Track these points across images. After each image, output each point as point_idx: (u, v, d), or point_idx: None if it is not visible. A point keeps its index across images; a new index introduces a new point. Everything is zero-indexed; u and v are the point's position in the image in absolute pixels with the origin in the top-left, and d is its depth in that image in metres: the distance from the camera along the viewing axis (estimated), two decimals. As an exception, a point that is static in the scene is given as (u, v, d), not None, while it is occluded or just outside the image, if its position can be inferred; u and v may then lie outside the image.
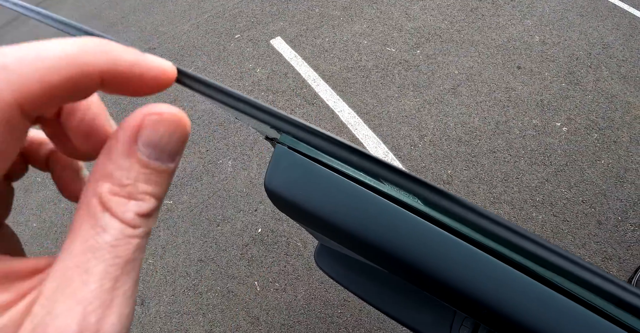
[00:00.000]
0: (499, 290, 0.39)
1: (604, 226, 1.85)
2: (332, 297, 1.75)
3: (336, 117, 2.36)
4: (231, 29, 3.12)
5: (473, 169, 2.08)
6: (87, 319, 0.14)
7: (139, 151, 0.16)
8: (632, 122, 2.20)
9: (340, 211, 0.43)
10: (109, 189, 0.15)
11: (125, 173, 0.16)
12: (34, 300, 0.14)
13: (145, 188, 0.16)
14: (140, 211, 0.16)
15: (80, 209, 0.16)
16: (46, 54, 0.14)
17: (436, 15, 2.92)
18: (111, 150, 0.16)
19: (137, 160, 0.16)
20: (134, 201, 0.16)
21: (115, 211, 0.15)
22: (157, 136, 0.16)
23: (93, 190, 0.16)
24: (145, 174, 0.16)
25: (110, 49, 0.15)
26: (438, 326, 0.64)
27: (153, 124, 0.16)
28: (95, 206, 0.15)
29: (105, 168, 0.16)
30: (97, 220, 0.15)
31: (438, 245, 0.40)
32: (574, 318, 0.37)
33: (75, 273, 0.14)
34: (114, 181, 0.16)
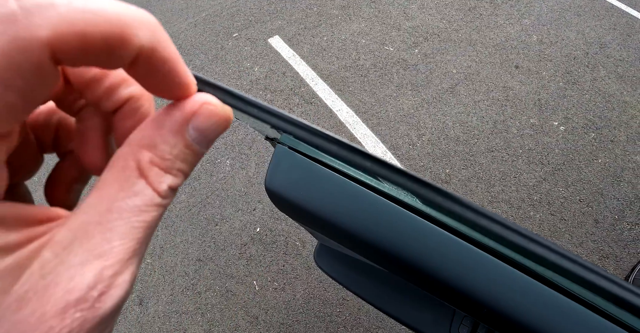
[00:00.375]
0: (499, 289, 0.39)
1: (601, 224, 1.86)
2: (330, 296, 1.76)
3: (335, 117, 2.36)
4: (229, 27, 3.11)
5: (471, 168, 2.08)
6: (104, 273, 0.14)
7: (187, 133, 0.17)
8: (629, 122, 2.21)
9: (341, 211, 0.43)
10: (150, 158, 0.16)
11: (169, 149, 0.17)
12: (43, 245, 0.15)
13: (180, 166, 0.17)
14: (172, 185, 0.17)
15: (112, 169, 0.16)
16: (96, 4, 0.13)
17: (434, 15, 2.92)
18: (162, 124, 0.17)
19: (183, 140, 0.17)
20: (169, 175, 0.17)
21: (152, 180, 0.16)
22: (207, 125, 0.17)
23: (133, 155, 0.16)
24: (185, 153, 0.17)
25: (160, 32, 0.15)
26: (437, 325, 0.64)
27: (208, 113, 0.17)
28: (132, 170, 0.16)
29: (151, 138, 0.17)
30: (131, 184, 0.16)
31: (438, 244, 0.40)
32: (573, 317, 0.37)
33: (97, 230, 0.15)
34: (156, 153, 0.17)
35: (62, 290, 0.14)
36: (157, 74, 0.16)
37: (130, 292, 0.16)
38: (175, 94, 0.17)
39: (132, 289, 0.15)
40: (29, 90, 0.13)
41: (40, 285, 0.14)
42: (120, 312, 0.16)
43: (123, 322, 1.78)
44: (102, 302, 0.14)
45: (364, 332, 1.67)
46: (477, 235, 0.40)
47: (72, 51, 0.13)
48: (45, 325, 0.13)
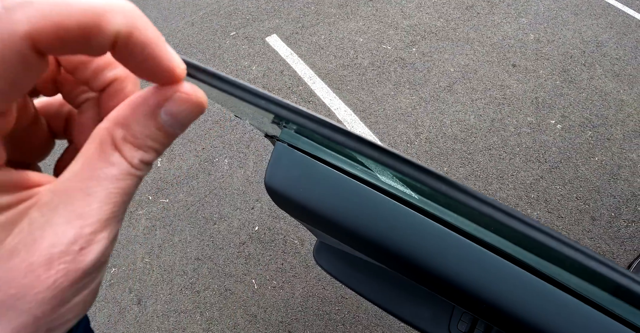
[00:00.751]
0: (498, 285, 0.39)
1: (597, 222, 1.87)
2: (329, 294, 1.76)
3: (333, 115, 2.36)
4: (226, 26, 3.11)
5: (469, 166, 2.09)
6: (84, 230, 0.16)
7: (159, 116, 0.18)
8: (625, 120, 2.22)
9: (340, 208, 0.44)
10: (123, 135, 0.18)
11: (141, 129, 0.18)
12: (31, 206, 0.17)
13: (152, 144, 0.19)
14: (144, 159, 0.18)
15: (92, 140, 0.18)
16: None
17: (432, 13, 2.93)
18: (137, 106, 0.18)
19: (155, 123, 0.18)
20: (141, 150, 0.18)
21: (125, 153, 0.18)
22: (179, 110, 0.19)
23: (109, 130, 0.18)
24: (156, 134, 0.19)
25: (136, 17, 0.16)
26: (437, 321, 0.64)
27: (179, 100, 0.19)
28: (109, 144, 0.18)
29: (126, 117, 0.18)
30: (107, 155, 0.17)
31: (437, 240, 0.40)
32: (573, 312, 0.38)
33: (79, 194, 0.17)
34: (128, 131, 0.18)
35: (47, 243, 0.16)
36: (137, 58, 0.17)
37: (110, 250, 0.18)
38: (159, 77, 0.18)
39: (113, 248, 0.17)
40: (15, 77, 0.14)
41: (29, 239, 0.16)
42: (104, 269, 0.19)
43: (122, 321, 1.78)
44: (83, 255, 0.16)
45: (363, 329, 1.67)
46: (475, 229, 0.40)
47: (50, 41, 0.14)
48: (33, 273, 0.15)
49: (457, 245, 0.41)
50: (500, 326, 0.45)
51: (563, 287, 0.38)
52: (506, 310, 0.39)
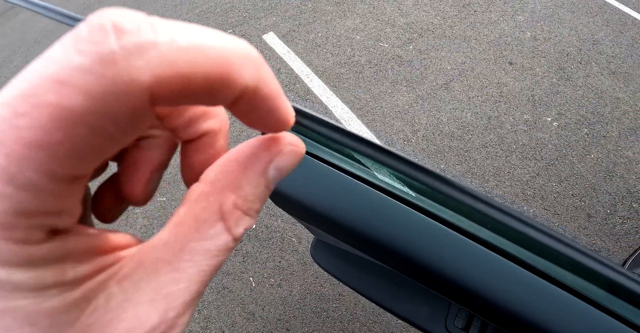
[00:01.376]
0: (493, 281, 0.40)
1: (593, 219, 1.88)
2: (327, 291, 1.77)
3: (330, 113, 2.36)
4: (223, 24, 3.10)
5: (465, 164, 2.09)
6: (168, 314, 0.14)
7: (269, 173, 0.17)
8: (621, 118, 2.24)
9: (338, 205, 0.44)
10: (234, 201, 0.16)
11: (253, 190, 0.16)
12: (111, 277, 0.15)
13: (258, 206, 0.17)
14: (248, 227, 0.17)
15: (192, 207, 0.16)
16: (200, 41, 0.12)
17: (429, 11, 2.93)
18: (248, 165, 0.17)
19: (265, 180, 0.17)
20: (248, 216, 0.16)
21: (231, 224, 0.16)
22: (287, 164, 0.17)
23: (216, 196, 0.16)
24: (264, 193, 0.17)
25: (263, 67, 0.14)
26: (434, 318, 0.65)
27: (290, 154, 0.17)
28: (213, 213, 0.16)
29: (237, 179, 0.16)
30: (209, 226, 0.15)
31: (433, 237, 0.40)
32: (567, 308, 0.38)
33: (166, 269, 0.15)
34: (240, 194, 0.16)
35: (126, 327, 0.14)
36: (258, 112, 0.15)
37: None
38: (272, 128, 0.16)
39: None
40: (120, 134, 0.12)
41: (105, 319, 0.14)
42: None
43: (119, 319, 1.78)
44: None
45: (361, 326, 1.68)
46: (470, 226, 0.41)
47: (172, 93, 0.12)
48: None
49: (453, 241, 0.41)
50: (495, 322, 0.45)
51: (558, 283, 0.38)
52: (501, 306, 0.40)
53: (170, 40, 0.12)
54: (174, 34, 0.12)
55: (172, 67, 0.12)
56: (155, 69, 0.11)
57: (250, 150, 0.17)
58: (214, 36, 0.13)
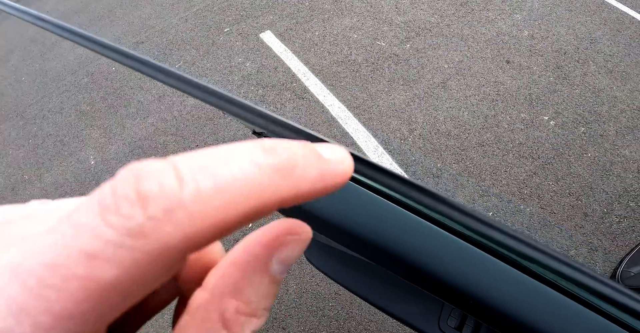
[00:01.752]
0: (485, 281, 0.39)
1: (590, 218, 1.88)
2: (323, 290, 1.77)
3: (326, 112, 2.36)
4: (220, 22, 3.09)
5: (462, 162, 2.09)
6: None
7: (272, 268, 0.16)
8: (618, 116, 2.24)
9: (329, 205, 0.44)
10: (236, 307, 0.15)
11: (256, 290, 0.15)
12: None
13: (265, 304, 0.16)
14: (255, 329, 0.15)
15: (192, 320, 0.15)
16: (227, 184, 0.12)
17: (426, 9, 2.92)
18: (246, 267, 0.15)
19: (268, 277, 0.16)
20: (254, 318, 0.15)
21: (234, 331, 0.15)
22: (291, 255, 0.16)
23: (216, 304, 0.15)
24: (269, 289, 0.16)
25: (294, 169, 0.13)
26: (427, 317, 0.65)
27: (293, 244, 0.16)
28: (215, 323, 0.15)
29: (235, 284, 0.15)
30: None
31: (425, 237, 0.40)
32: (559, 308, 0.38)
33: None
34: (242, 298, 0.15)
35: None
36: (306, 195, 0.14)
37: None
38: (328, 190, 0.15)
39: None
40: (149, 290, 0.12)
41: None
42: None
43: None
44: None
45: (357, 325, 1.68)
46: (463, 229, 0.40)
47: (207, 241, 0.12)
48: None
49: (443, 240, 0.41)
50: (487, 322, 0.45)
51: (550, 283, 0.38)
52: (492, 306, 0.39)
53: (196, 190, 0.11)
54: (198, 178, 0.11)
55: (202, 222, 0.11)
56: (186, 230, 0.11)
57: (248, 249, 0.16)
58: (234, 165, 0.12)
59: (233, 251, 0.16)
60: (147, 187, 0.11)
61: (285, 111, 2.39)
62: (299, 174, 0.13)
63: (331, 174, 0.14)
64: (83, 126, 2.67)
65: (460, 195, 1.98)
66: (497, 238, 0.19)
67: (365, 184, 0.44)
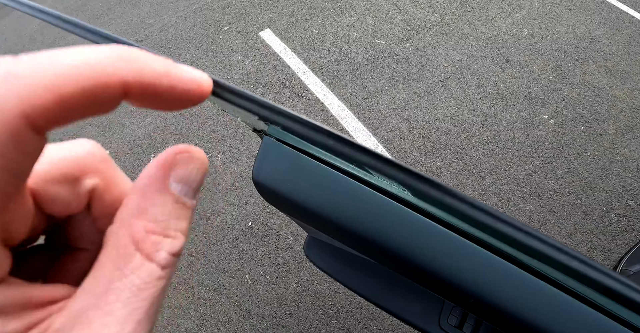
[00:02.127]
0: (485, 279, 0.39)
1: (589, 216, 1.88)
2: (323, 288, 1.76)
3: (326, 110, 2.35)
4: (220, 20, 3.08)
5: (462, 161, 2.09)
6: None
7: (171, 187, 0.16)
8: (618, 115, 2.24)
9: (329, 203, 0.43)
10: (144, 226, 0.15)
11: (160, 209, 0.16)
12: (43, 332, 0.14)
13: (177, 224, 0.16)
14: (173, 250, 0.16)
15: (106, 247, 0.15)
16: (61, 61, 0.12)
17: (426, 8, 2.92)
18: (145, 188, 0.16)
19: (170, 196, 0.16)
20: (168, 238, 0.16)
21: (148, 251, 0.15)
22: (187, 173, 0.17)
23: (125, 228, 0.15)
24: (177, 209, 0.16)
25: (136, 58, 0.14)
26: (427, 315, 0.64)
27: (184, 162, 0.17)
28: (127, 246, 0.15)
29: (139, 205, 0.16)
30: (126, 260, 0.15)
31: (425, 234, 0.40)
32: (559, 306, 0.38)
33: (96, 314, 0.14)
34: (149, 218, 0.15)
35: None
36: (157, 95, 0.15)
37: None
38: (188, 101, 0.16)
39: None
40: (12, 166, 0.12)
41: None
42: None
43: (114, 317, 1.77)
44: None
45: (357, 324, 1.68)
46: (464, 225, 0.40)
47: (50, 115, 0.12)
48: None
49: (445, 238, 0.41)
50: (488, 320, 0.45)
51: (551, 281, 0.37)
52: (493, 304, 0.39)
53: (30, 62, 0.12)
54: (29, 61, 0.12)
55: (37, 88, 0.12)
56: (22, 95, 0.11)
57: (146, 173, 0.16)
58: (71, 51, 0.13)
59: (134, 183, 0.17)
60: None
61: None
62: (141, 62, 0.14)
63: (178, 75, 0.15)
64: (82, 124, 2.66)
65: (460, 194, 1.98)
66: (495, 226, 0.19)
67: (363, 180, 0.43)
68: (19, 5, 0.22)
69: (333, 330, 1.68)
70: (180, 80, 0.15)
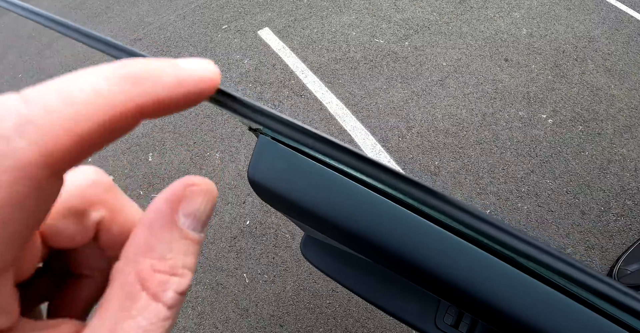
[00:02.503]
0: (479, 277, 0.39)
1: (587, 216, 1.89)
2: (320, 287, 1.77)
3: (324, 109, 2.35)
4: (218, 19, 3.08)
5: (460, 160, 2.09)
6: None
7: (179, 222, 0.16)
8: (616, 115, 2.24)
9: (324, 202, 0.43)
10: (151, 265, 0.15)
11: (168, 246, 0.15)
12: None
13: (185, 261, 0.16)
14: (180, 289, 0.15)
15: (113, 285, 0.15)
16: (73, 98, 0.12)
17: (425, 7, 2.92)
18: (152, 224, 0.15)
19: (178, 232, 0.15)
20: (175, 277, 0.15)
21: (155, 291, 0.14)
22: (196, 206, 0.16)
23: (130, 266, 0.15)
24: (185, 245, 0.16)
25: (145, 76, 0.13)
26: (423, 314, 0.64)
27: (193, 195, 0.16)
28: (133, 285, 0.14)
29: (146, 242, 0.15)
30: (132, 300, 0.14)
31: (419, 233, 0.40)
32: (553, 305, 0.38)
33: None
34: (155, 255, 0.15)
35: None
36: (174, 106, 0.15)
37: None
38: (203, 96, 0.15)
39: None
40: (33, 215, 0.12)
41: None
42: None
43: (112, 316, 1.77)
44: None
45: (354, 323, 1.68)
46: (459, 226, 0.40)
47: (70, 155, 0.12)
48: None
49: (440, 238, 0.41)
50: (484, 319, 0.45)
51: (545, 280, 0.37)
52: (488, 303, 0.39)
53: (43, 106, 0.11)
54: (44, 97, 0.12)
55: (55, 133, 0.11)
56: (40, 143, 0.11)
57: (154, 207, 0.16)
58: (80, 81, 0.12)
59: (142, 215, 0.16)
60: None
61: (283, 108, 2.39)
62: (152, 80, 0.13)
63: (190, 79, 0.14)
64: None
65: (458, 193, 1.98)
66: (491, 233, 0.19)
67: (362, 181, 0.43)
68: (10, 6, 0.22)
69: (330, 328, 1.68)
70: (192, 83, 0.15)
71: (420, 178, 2.03)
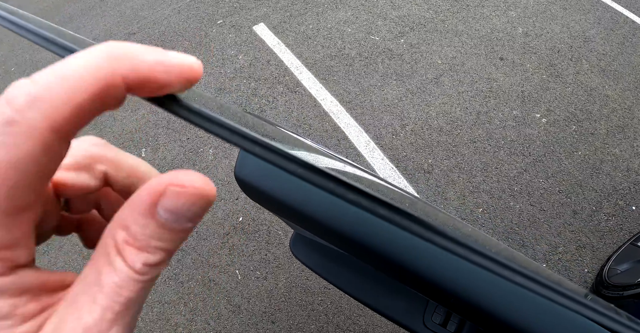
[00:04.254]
0: (465, 278, 0.39)
1: (579, 215, 1.90)
2: (312, 284, 1.77)
3: (318, 106, 2.35)
4: (213, 14, 3.05)
5: (453, 158, 2.10)
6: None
7: (158, 214, 0.16)
8: (610, 115, 2.25)
9: (310, 201, 0.43)
10: (124, 238, 0.16)
11: (140, 230, 0.16)
12: (50, 315, 0.16)
13: (157, 244, 0.17)
14: (148, 262, 0.17)
15: (101, 242, 0.17)
16: (70, 74, 0.14)
17: (421, 4, 2.91)
18: (134, 205, 0.17)
19: (155, 221, 0.17)
20: (145, 253, 0.17)
21: (127, 258, 0.16)
22: (177, 206, 0.16)
23: (111, 233, 0.17)
24: (160, 233, 0.17)
25: (128, 52, 0.15)
26: (412, 313, 0.64)
27: (174, 195, 0.16)
28: (112, 247, 0.16)
29: (125, 218, 0.17)
30: (112, 260, 0.16)
31: (404, 235, 0.40)
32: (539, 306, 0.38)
33: (85, 301, 0.16)
34: (129, 233, 0.16)
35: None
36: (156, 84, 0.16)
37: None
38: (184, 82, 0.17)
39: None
40: (44, 171, 0.15)
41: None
42: None
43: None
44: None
45: (346, 319, 1.68)
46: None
47: (71, 122, 0.14)
48: None
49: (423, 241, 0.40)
50: (470, 319, 0.45)
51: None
52: (473, 304, 0.39)
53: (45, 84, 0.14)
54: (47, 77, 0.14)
55: (58, 106, 0.14)
56: (47, 112, 0.14)
57: (140, 192, 0.17)
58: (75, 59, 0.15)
59: (135, 193, 0.17)
60: (12, 94, 0.14)
61: (278, 104, 2.38)
62: (135, 56, 0.15)
63: (168, 61, 0.16)
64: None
65: (451, 191, 1.99)
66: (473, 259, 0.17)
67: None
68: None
69: (322, 325, 1.68)
70: (172, 65, 0.16)
71: (413, 176, 2.04)
